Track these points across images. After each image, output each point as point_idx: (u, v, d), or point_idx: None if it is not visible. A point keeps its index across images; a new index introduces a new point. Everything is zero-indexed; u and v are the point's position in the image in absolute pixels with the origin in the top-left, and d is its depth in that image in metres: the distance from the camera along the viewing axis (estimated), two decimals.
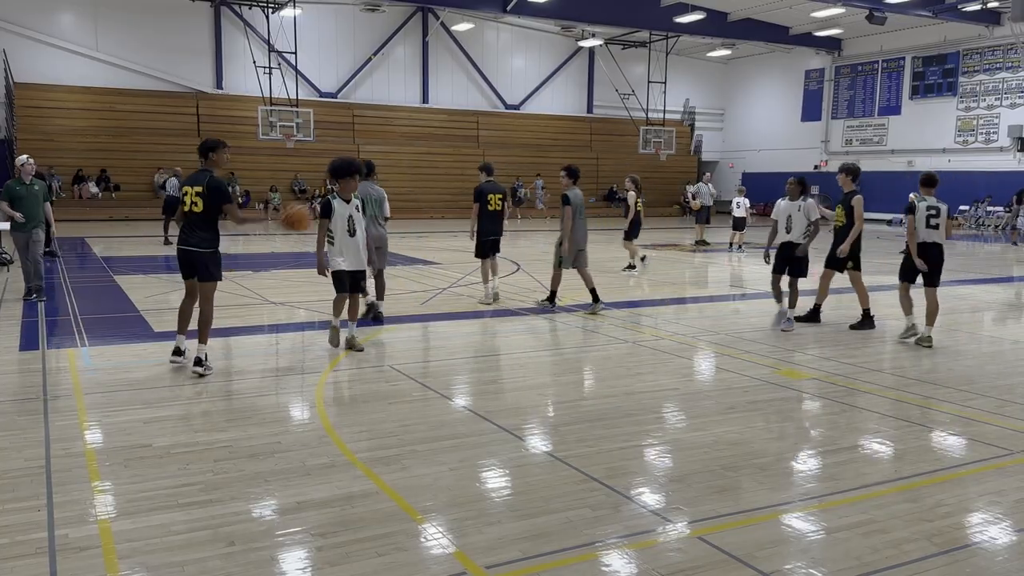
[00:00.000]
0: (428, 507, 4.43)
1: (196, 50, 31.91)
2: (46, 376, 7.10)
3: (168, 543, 3.96)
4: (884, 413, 6.35)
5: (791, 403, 6.71)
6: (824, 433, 5.89)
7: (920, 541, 4.10)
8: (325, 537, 4.06)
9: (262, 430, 5.71)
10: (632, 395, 6.85)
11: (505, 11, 30.77)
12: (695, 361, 8.30)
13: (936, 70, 34.13)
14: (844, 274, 10.00)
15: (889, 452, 5.51)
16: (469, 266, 15.83)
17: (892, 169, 35.12)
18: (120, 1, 30.15)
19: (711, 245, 21.76)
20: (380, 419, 6.02)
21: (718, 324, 10.30)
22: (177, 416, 6.03)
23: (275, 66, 29.27)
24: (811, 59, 38.90)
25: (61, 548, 3.90)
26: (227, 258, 8.60)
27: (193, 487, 4.66)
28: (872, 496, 4.68)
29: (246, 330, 9.54)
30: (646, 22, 33.54)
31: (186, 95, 31.77)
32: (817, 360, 8.19)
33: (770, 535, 4.18)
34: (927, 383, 7.34)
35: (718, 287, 15.08)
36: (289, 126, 28.55)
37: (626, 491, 4.71)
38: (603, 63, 39.21)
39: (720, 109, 43.76)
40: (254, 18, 31.34)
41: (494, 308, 11.07)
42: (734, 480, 4.91)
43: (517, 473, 5.01)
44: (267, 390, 6.88)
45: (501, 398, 6.70)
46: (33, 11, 29.17)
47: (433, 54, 36.10)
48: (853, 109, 37.56)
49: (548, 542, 4.03)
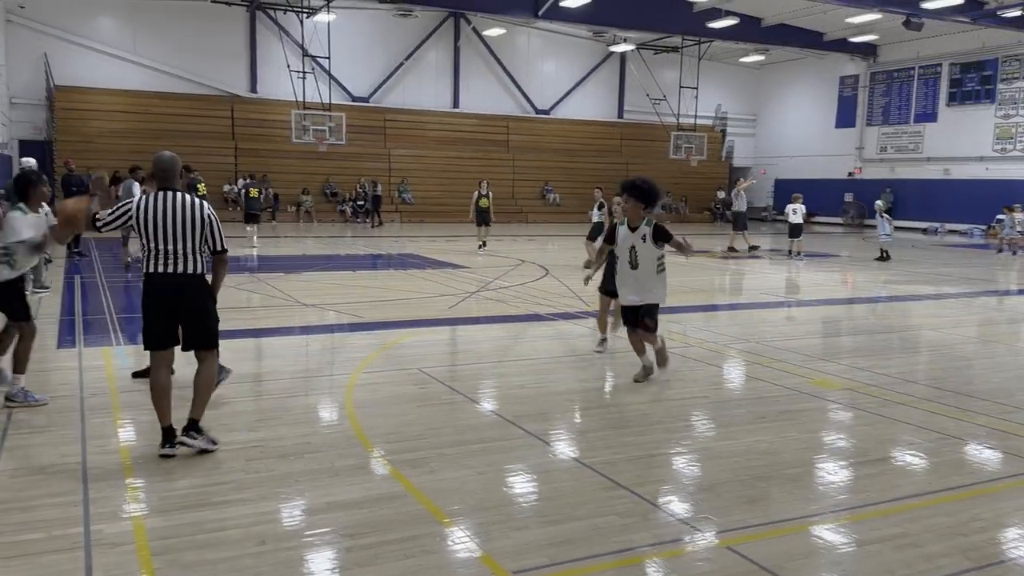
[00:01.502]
0: (455, 510, 4.44)
1: (232, 54, 32.33)
2: (82, 374, 7.22)
3: (200, 541, 4.01)
4: (918, 425, 6.26)
5: (824, 413, 6.63)
6: (857, 444, 5.81)
7: (955, 556, 4.03)
8: (354, 538, 4.08)
9: (292, 431, 5.76)
10: (661, 402, 6.81)
11: (537, 16, 30.79)
12: (725, 369, 8.24)
13: (974, 76, 33.58)
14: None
15: (923, 464, 5.42)
16: (497, 270, 15.86)
17: (928, 177, 34.62)
18: (158, 6, 30.64)
19: (740, 252, 21.57)
20: (408, 422, 6.05)
21: (749, 332, 10.21)
22: (210, 415, 6.09)
23: (309, 70, 29.54)
24: (846, 65, 38.46)
25: (96, 543, 3.96)
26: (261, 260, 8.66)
27: (225, 486, 4.71)
28: (905, 509, 4.61)
29: (277, 331, 9.64)
30: (678, 27, 33.39)
31: (221, 98, 32.18)
32: (851, 370, 8.09)
33: (800, 547, 4.14)
34: (963, 395, 7.22)
35: (750, 294, 14.95)
36: (322, 130, 28.81)
37: (654, 499, 4.69)
38: (634, 68, 39.09)
39: (752, 115, 43.42)
40: (289, 23, 31.67)
41: (523, 313, 11.07)
42: (764, 490, 4.86)
43: (544, 478, 5.00)
44: (297, 391, 6.94)
45: (529, 403, 6.70)
46: (74, 16, 29.75)
47: (464, 59, 36.23)
48: (888, 116, 37.07)
49: (575, 548, 4.02)
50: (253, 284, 12.35)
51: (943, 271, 18.29)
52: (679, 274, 16.29)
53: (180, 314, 5.21)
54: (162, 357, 5.29)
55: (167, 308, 5.19)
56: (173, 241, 5.11)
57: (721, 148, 41.95)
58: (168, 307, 5.18)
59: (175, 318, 5.22)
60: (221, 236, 5.28)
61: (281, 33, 31.91)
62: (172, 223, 5.11)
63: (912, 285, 15.22)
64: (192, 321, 5.26)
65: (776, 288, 15.29)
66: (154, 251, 5.14)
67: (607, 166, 38.18)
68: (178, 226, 5.11)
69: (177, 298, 5.18)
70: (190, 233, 5.13)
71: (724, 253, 21.42)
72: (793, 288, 15.56)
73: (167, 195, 5.15)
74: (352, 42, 33.36)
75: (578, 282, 11.12)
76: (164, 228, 5.10)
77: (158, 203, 5.12)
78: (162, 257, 5.14)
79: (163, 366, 5.30)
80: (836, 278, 16.96)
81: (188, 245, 5.14)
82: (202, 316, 5.29)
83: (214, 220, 5.25)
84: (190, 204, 5.15)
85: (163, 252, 5.13)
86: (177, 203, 5.13)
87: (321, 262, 17.48)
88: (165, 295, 5.16)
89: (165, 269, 5.14)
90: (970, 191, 32.78)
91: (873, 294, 10.12)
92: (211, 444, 5.25)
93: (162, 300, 5.17)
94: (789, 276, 17.20)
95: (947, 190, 33.84)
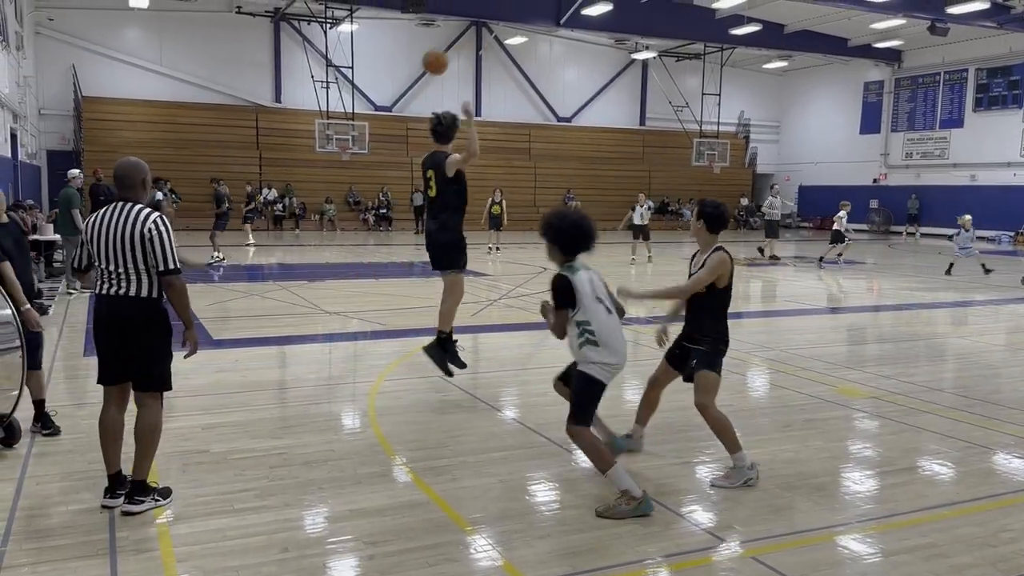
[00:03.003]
0: (477, 518, 4.44)
1: (256, 64, 32.65)
2: None
3: (224, 548, 4.04)
4: (945, 434, 6.17)
5: (849, 422, 6.56)
6: (883, 453, 5.74)
7: (984, 567, 3.97)
8: (376, 546, 4.09)
9: (316, 438, 5.79)
10: (684, 410, 6.75)
11: (559, 24, 30.83)
12: (749, 377, 8.18)
13: (1001, 82, 33.16)
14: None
15: (950, 474, 5.35)
16: (519, 278, 15.87)
17: (954, 183, 34.22)
18: (184, 18, 31.03)
19: (771, 260, 21.40)
20: (431, 429, 6.06)
21: (774, 340, 10.13)
22: (234, 423, 6.15)
23: (332, 80, 29.80)
24: (870, 71, 38.14)
25: (121, 550, 4.00)
26: (284, 267, 8.71)
27: (248, 493, 4.74)
28: (933, 519, 4.55)
29: (301, 339, 9.69)
30: (701, 34, 33.28)
31: (246, 108, 32.51)
32: (876, 379, 8.00)
33: (826, 557, 4.09)
34: (990, 404, 7.11)
35: (774, 302, 14.84)
36: (345, 139, 29.02)
37: (677, 508, 4.66)
38: (656, 75, 39.00)
39: (776, 121, 43.15)
40: (312, 33, 31.95)
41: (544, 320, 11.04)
42: (789, 500, 4.81)
43: (567, 487, 4.99)
44: (320, 399, 6.98)
45: (551, 411, 6.67)
46: (101, 28, 30.20)
47: (486, 68, 36.35)
48: (914, 122, 36.69)
49: (598, 558, 4.00)
50: (277, 292, 12.45)
51: (969, 278, 18.05)
52: None
53: (121, 344, 4.47)
54: (110, 393, 4.62)
55: (108, 336, 4.50)
56: (113, 259, 4.43)
57: (744, 155, 41.71)
58: (109, 334, 4.49)
59: (119, 348, 4.49)
60: (167, 253, 4.41)
61: (305, 44, 32.19)
62: (111, 238, 4.42)
63: (938, 292, 15.04)
64: (132, 354, 4.48)
65: (800, 295, 15.16)
66: (100, 271, 4.51)
67: (629, 173, 38.10)
68: (116, 241, 4.40)
69: (117, 323, 4.46)
70: (128, 249, 4.39)
71: (766, 259, 21.23)
72: (818, 296, 15.42)
73: (116, 207, 4.49)
74: (375, 52, 33.59)
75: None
76: (104, 244, 4.43)
77: (105, 216, 4.48)
78: (105, 277, 4.48)
79: (111, 403, 4.62)
80: (862, 285, 16.80)
81: (128, 263, 4.41)
82: (143, 350, 4.48)
83: (158, 234, 4.39)
84: (133, 216, 4.41)
85: (105, 272, 4.48)
86: (122, 215, 4.43)
87: (344, 270, 17.57)
88: (107, 320, 4.48)
89: (107, 290, 4.47)
90: (997, 197, 32.34)
91: (899, 301, 10.01)
92: (161, 499, 4.55)
93: (103, 325, 4.49)
94: (813, 283, 17.05)
95: (974, 196, 33.40)
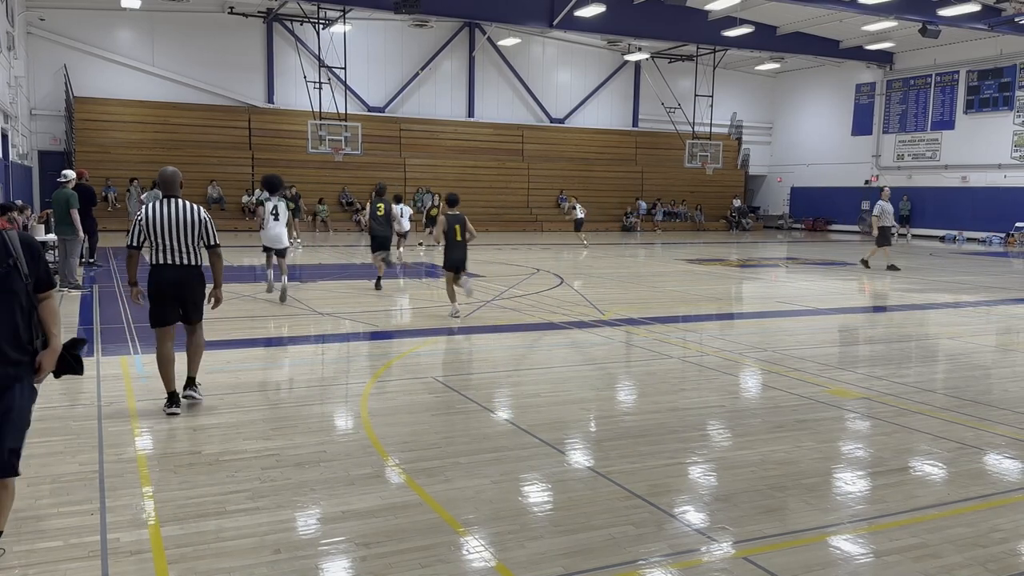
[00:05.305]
0: (470, 520, 4.44)
1: (248, 65, 32.59)
2: (100, 383, 7.28)
3: (216, 549, 4.03)
4: (936, 434, 6.20)
5: (841, 423, 6.58)
6: (874, 454, 5.76)
7: (974, 567, 3.99)
8: (369, 547, 4.08)
9: (308, 439, 5.78)
10: (677, 411, 6.78)
11: (552, 26, 30.86)
12: (741, 378, 8.20)
13: (992, 84, 33.34)
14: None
15: (942, 474, 5.37)
16: (513, 279, 15.88)
17: (945, 185, 34.40)
18: (176, 18, 30.95)
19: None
20: (423, 430, 6.05)
21: (766, 340, 10.15)
22: (226, 424, 6.13)
23: (325, 81, 29.75)
24: (862, 73, 38.30)
25: (112, 552, 3.99)
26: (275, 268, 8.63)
27: (241, 494, 4.73)
28: (924, 519, 4.57)
29: (293, 340, 9.67)
30: (693, 36, 33.36)
31: (238, 109, 32.44)
32: (868, 379, 8.03)
33: (818, 557, 4.10)
34: (981, 404, 7.14)
35: (767, 303, 14.88)
36: (338, 140, 28.96)
37: (670, 509, 4.66)
38: (649, 77, 39.08)
39: (768, 123, 43.30)
40: (305, 34, 31.92)
41: (538, 321, 11.07)
42: (781, 500, 4.82)
43: (559, 488, 4.99)
44: (313, 400, 6.97)
45: (544, 412, 6.69)
46: (93, 29, 30.10)
47: (479, 69, 36.36)
48: (905, 123, 36.86)
49: (590, 558, 4.01)
50: (270, 293, 12.41)
51: (961, 279, 18.14)
52: (697, 283, 16.25)
53: (183, 294, 6.28)
54: (164, 332, 6.31)
55: (174, 290, 6.24)
56: (178, 239, 6.21)
57: (737, 156, 41.84)
58: (174, 289, 6.24)
59: (182, 297, 6.29)
60: (214, 233, 6.37)
61: (298, 44, 32.17)
62: (175, 224, 6.22)
63: (930, 293, 15.10)
64: (189, 300, 6.34)
65: (792, 296, 15.19)
66: (163, 247, 6.22)
67: (622, 175, 38.20)
68: (180, 226, 6.21)
69: (181, 282, 6.25)
70: (190, 231, 6.23)
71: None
72: (808, 297, 15.47)
73: (170, 202, 6.28)
74: (368, 53, 33.58)
75: (593, 290, 11.11)
76: (170, 228, 6.20)
77: (164, 209, 6.23)
78: (169, 252, 6.23)
79: (166, 340, 6.30)
80: (852, 287, 16.85)
81: (190, 242, 6.24)
82: (198, 296, 6.41)
83: (209, 221, 6.36)
84: (189, 209, 6.29)
85: (169, 248, 6.23)
86: (179, 209, 6.26)
87: (337, 271, 17.54)
88: (174, 280, 6.23)
89: (173, 260, 6.24)
90: (988, 199, 32.54)
91: (890, 303, 10.05)
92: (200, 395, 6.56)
93: (168, 284, 6.22)
94: (804, 285, 17.10)
95: (965, 198, 33.60)
